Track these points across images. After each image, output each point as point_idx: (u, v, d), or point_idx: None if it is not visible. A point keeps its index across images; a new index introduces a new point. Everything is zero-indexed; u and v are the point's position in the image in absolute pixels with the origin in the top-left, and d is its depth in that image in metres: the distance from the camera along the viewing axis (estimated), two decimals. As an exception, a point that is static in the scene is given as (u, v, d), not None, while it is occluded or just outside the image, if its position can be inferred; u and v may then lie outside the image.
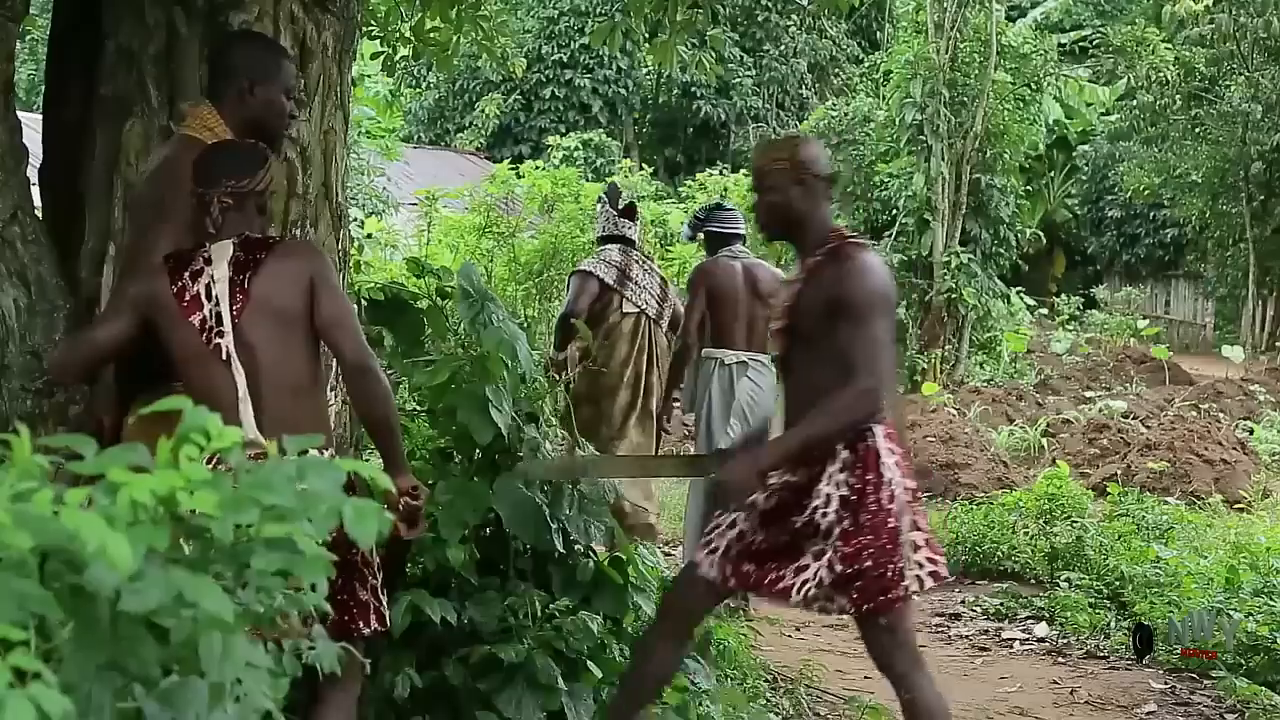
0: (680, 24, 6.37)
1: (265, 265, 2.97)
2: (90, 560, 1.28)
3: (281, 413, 2.93)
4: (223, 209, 3.00)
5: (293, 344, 2.99)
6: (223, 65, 3.31)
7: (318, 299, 2.97)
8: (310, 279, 2.97)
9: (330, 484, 1.45)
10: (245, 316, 2.95)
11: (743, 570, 3.50)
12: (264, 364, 2.95)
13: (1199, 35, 23.26)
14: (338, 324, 2.98)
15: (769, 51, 27.08)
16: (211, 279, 2.96)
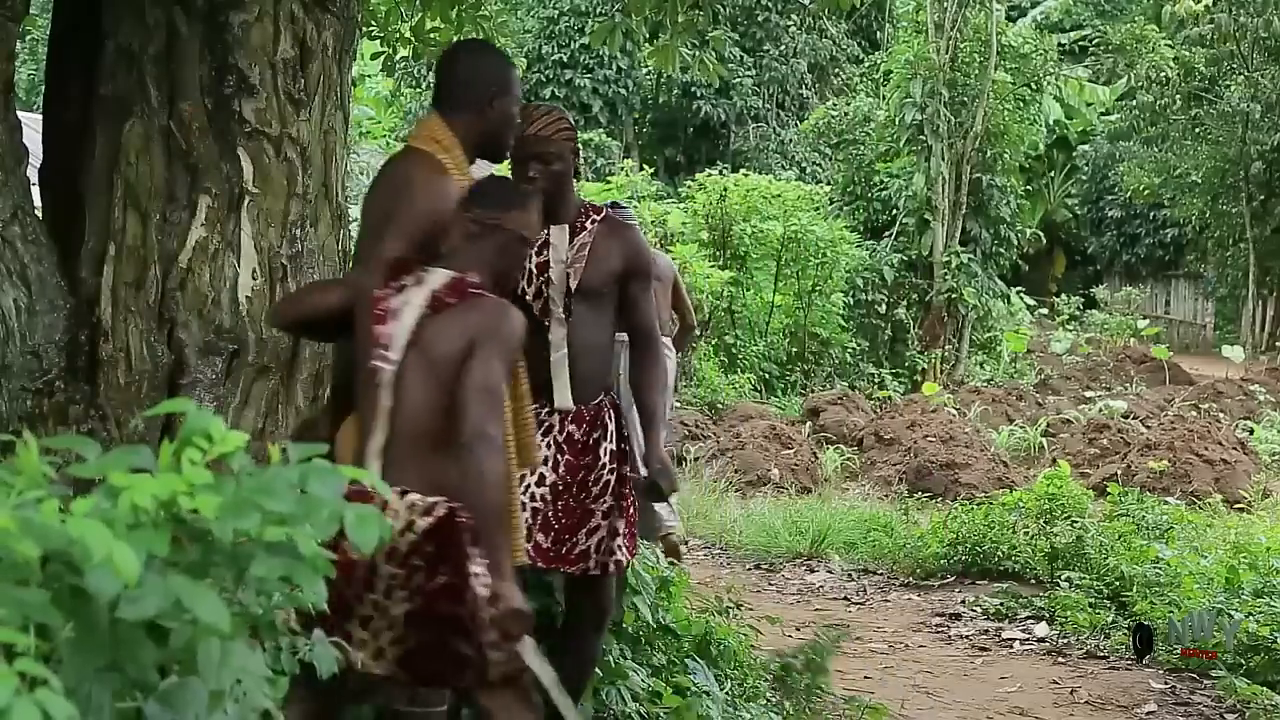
0: (681, 25, 6.37)
1: (449, 314, 2.91)
2: (91, 567, 1.28)
3: (405, 456, 2.88)
4: (464, 235, 3.00)
5: (439, 398, 2.89)
6: (460, 77, 3.28)
7: (470, 363, 2.84)
8: (473, 340, 2.86)
9: (331, 490, 1.44)
10: (409, 354, 2.91)
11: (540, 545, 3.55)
12: (408, 404, 2.89)
13: (1199, 35, 23.27)
14: (471, 391, 2.82)
15: (769, 51, 27.07)
16: (407, 301, 2.94)
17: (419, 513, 2.81)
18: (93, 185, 3.51)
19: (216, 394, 3.47)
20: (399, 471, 2.84)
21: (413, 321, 2.91)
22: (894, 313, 16.58)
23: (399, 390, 2.89)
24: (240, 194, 3.50)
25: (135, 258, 3.43)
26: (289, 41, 3.58)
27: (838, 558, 8.01)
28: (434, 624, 2.79)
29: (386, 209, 3.12)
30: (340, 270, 3.75)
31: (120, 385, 3.39)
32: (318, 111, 3.66)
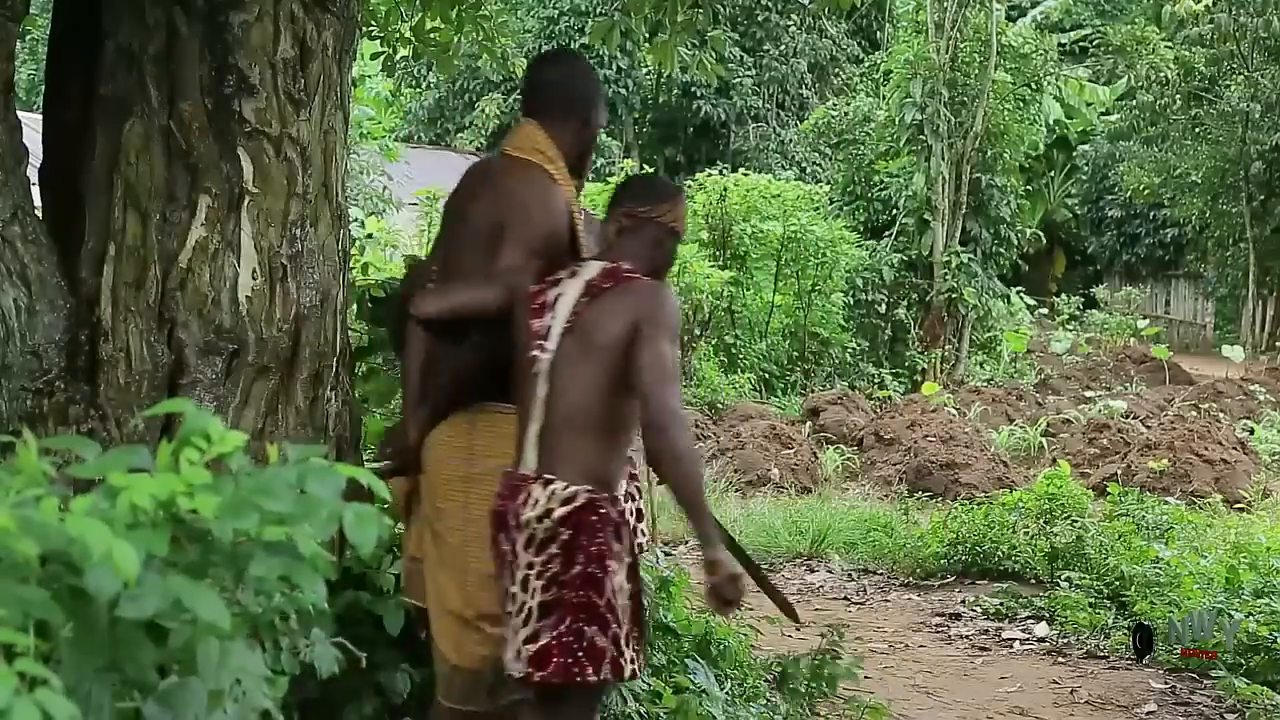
0: (680, 24, 6.37)
1: (607, 297, 2.94)
2: (91, 566, 1.28)
3: (559, 444, 2.89)
4: (619, 230, 3.05)
5: (597, 382, 2.90)
6: (559, 88, 3.32)
7: (638, 343, 2.85)
8: (637, 321, 2.87)
9: (330, 489, 1.44)
10: (566, 340, 2.93)
11: None
12: (564, 391, 2.91)
13: (1199, 35, 23.26)
14: (648, 372, 2.82)
15: (769, 51, 27.06)
16: (562, 293, 2.97)
17: (558, 500, 2.82)
18: (93, 185, 3.51)
19: (216, 394, 3.47)
20: (551, 459, 2.87)
21: (568, 310, 2.94)
22: (894, 313, 16.58)
23: (555, 379, 2.91)
24: (240, 194, 3.50)
25: (135, 258, 3.43)
26: (289, 41, 3.58)
27: (838, 558, 8.01)
28: (566, 613, 2.78)
29: (499, 219, 3.13)
30: (340, 269, 3.76)
31: (120, 385, 3.39)
32: (318, 111, 3.66)
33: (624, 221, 3.05)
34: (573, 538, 2.80)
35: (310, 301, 3.62)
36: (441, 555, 3.15)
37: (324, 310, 3.67)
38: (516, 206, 3.15)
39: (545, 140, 3.26)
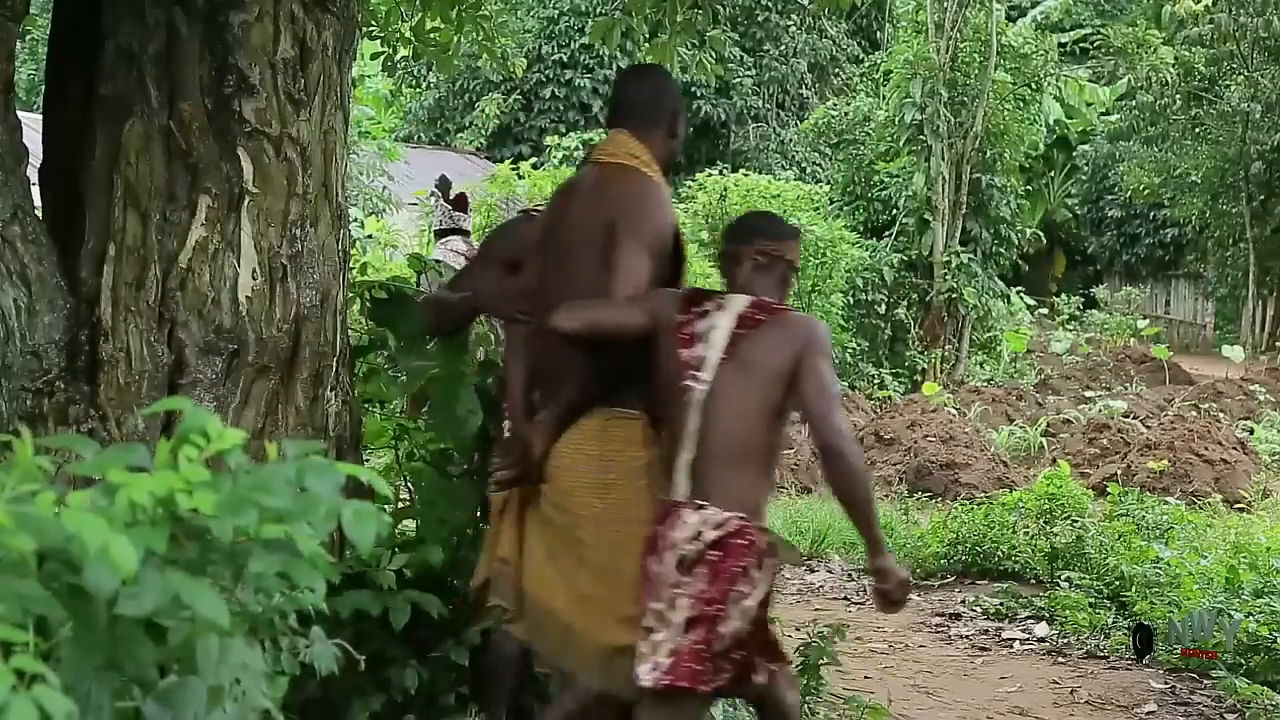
0: (680, 24, 6.37)
1: (764, 329, 3.08)
2: (89, 562, 1.28)
3: (711, 472, 3.02)
4: (753, 266, 3.20)
5: (755, 411, 3.04)
6: (649, 97, 3.45)
7: (804, 372, 3.02)
8: (800, 351, 3.04)
9: (329, 486, 1.44)
10: (724, 370, 3.05)
11: None
12: (719, 420, 3.02)
13: (1199, 35, 23.27)
14: (818, 399, 3.00)
15: (769, 51, 27.07)
16: (714, 325, 3.09)
17: (710, 525, 2.98)
18: (93, 185, 3.51)
19: (216, 394, 3.47)
20: (704, 487, 3.02)
21: (723, 341, 3.06)
22: (894, 313, 16.58)
23: (709, 409, 3.03)
24: (240, 194, 3.50)
25: (135, 258, 3.43)
26: (289, 41, 3.58)
27: (838, 558, 8.01)
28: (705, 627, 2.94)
29: (609, 220, 3.22)
30: (340, 269, 3.76)
31: (120, 385, 3.39)
32: (318, 111, 3.66)
33: (758, 259, 3.21)
34: (719, 559, 2.96)
35: (310, 301, 3.62)
36: (582, 556, 3.22)
37: (324, 310, 3.67)
38: (626, 207, 3.25)
39: (640, 147, 3.38)
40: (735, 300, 3.15)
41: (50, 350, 3.36)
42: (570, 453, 3.25)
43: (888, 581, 3.02)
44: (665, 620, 2.96)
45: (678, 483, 3.04)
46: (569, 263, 3.32)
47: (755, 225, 3.31)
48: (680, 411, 3.05)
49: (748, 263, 3.20)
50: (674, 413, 3.08)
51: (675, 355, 3.08)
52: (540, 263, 3.44)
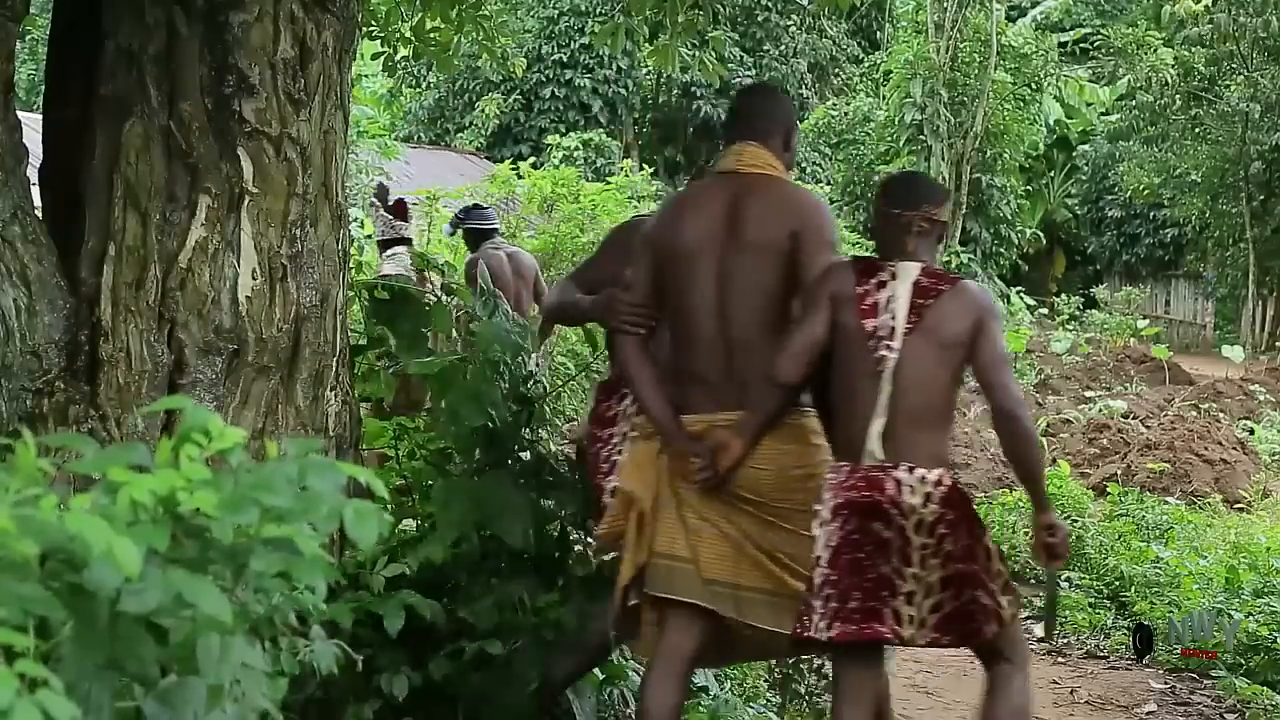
0: (681, 25, 6.37)
1: (945, 298, 3.22)
2: (95, 563, 1.28)
3: (906, 436, 3.19)
4: (918, 232, 3.29)
5: (942, 377, 3.22)
6: (777, 117, 3.63)
7: (981, 341, 3.20)
8: (979, 319, 3.21)
9: (331, 485, 1.44)
10: (911, 339, 3.19)
11: None
12: (910, 387, 3.19)
13: (1198, 35, 23.27)
14: (995, 367, 3.21)
15: (769, 51, 27.07)
16: (893, 294, 3.22)
17: (931, 485, 3.17)
18: (93, 185, 3.51)
19: (216, 394, 3.47)
20: (903, 450, 3.19)
21: (906, 310, 3.20)
22: (894, 313, 16.55)
23: (899, 376, 3.18)
24: (240, 194, 3.50)
25: (135, 258, 3.43)
26: (289, 41, 3.58)
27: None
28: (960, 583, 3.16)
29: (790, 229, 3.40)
30: (340, 269, 3.76)
31: (120, 385, 3.39)
32: (318, 111, 3.66)
33: (923, 225, 3.31)
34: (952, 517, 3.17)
35: (310, 301, 3.62)
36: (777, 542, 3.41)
37: (324, 310, 3.67)
38: (810, 214, 3.46)
39: (773, 159, 3.55)
40: (907, 268, 3.26)
41: (50, 350, 3.36)
42: (774, 454, 3.41)
43: (1056, 535, 3.25)
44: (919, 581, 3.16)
45: (870, 449, 3.19)
46: (745, 266, 3.44)
47: (919, 189, 3.40)
48: (869, 380, 3.20)
49: (914, 228, 3.30)
50: (858, 382, 3.22)
51: (859, 326, 3.21)
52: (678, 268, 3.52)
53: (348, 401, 3.83)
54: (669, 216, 3.64)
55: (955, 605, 3.17)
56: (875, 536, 3.17)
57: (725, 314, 3.44)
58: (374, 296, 4.27)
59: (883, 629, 3.18)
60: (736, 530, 3.43)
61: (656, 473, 3.49)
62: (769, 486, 3.41)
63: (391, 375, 4.38)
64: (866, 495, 3.18)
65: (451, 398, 3.79)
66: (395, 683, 3.49)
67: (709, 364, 3.47)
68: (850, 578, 3.17)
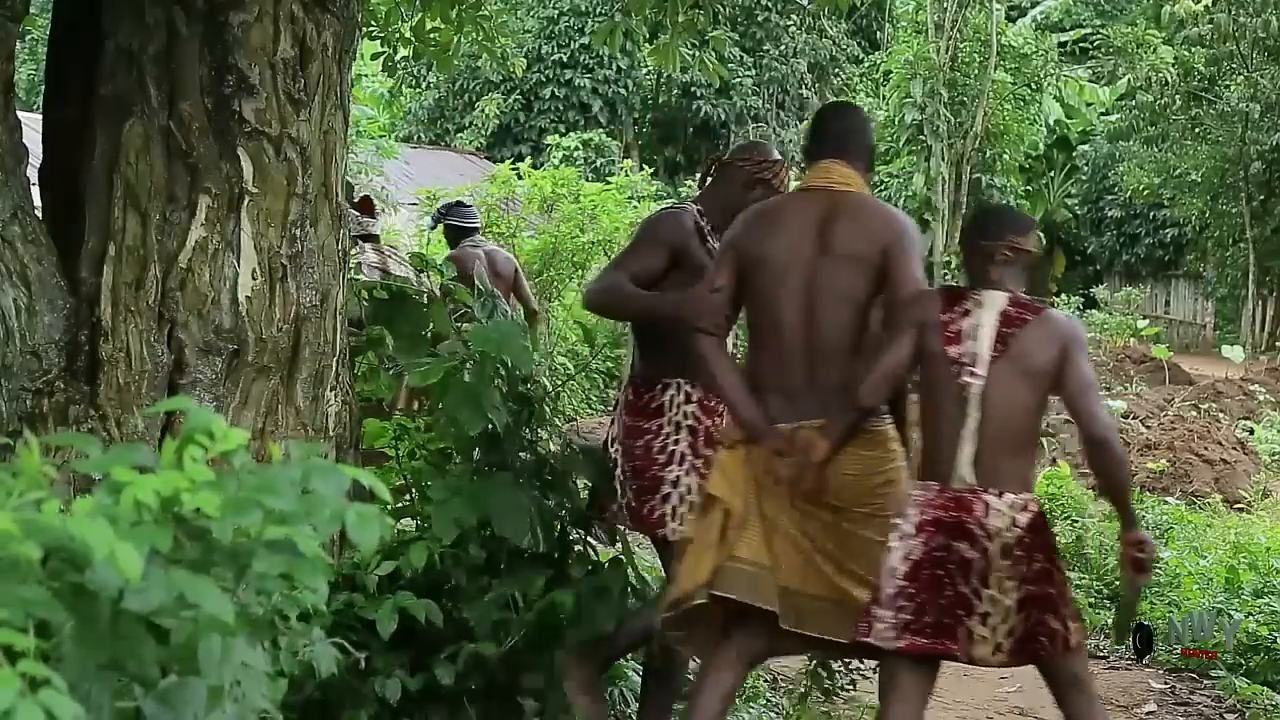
0: (681, 25, 6.37)
1: (1030, 327, 3.32)
2: (99, 566, 1.28)
3: (995, 461, 3.28)
4: (1003, 261, 3.39)
5: (1029, 404, 3.32)
6: (861, 136, 3.77)
7: (1068, 368, 3.29)
8: (1065, 347, 3.31)
9: (335, 488, 1.44)
10: (997, 366, 3.28)
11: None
12: (997, 413, 3.28)
13: (1198, 35, 23.25)
14: (1084, 395, 3.29)
15: (769, 51, 27.07)
16: (979, 322, 3.32)
17: (1018, 509, 3.26)
18: (93, 185, 3.51)
19: (216, 394, 3.47)
20: (992, 475, 3.28)
21: (992, 338, 3.30)
22: (894, 313, 16.55)
23: (986, 402, 3.28)
24: (240, 194, 3.50)
25: (135, 258, 3.43)
26: (289, 41, 3.58)
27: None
28: (1033, 606, 3.25)
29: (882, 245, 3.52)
30: (340, 269, 3.76)
31: (120, 385, 3.39)
32: (318, 111, 3.66)
33: (1007, 254, 3.40)
34: (1031, 541, 3.26)
35: (310, 301, 3.62)
36: (850, 550, 3.49)
37: (324, 310, 3.67)
38: (896, 230, 3.57)
39: (859, 178, 3.67)
40: (993, 297, 3.36)
41: (50, 350, 3.36)
42: (857, 460, 3.50)
43: (1144, 551, 3.33)
44: (998, 605, 3.25)
45: (961, 474, 3.28)
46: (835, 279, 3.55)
47: (1003, 220, 3.50)
48: (954, 405, 3.29)
49: (998, 258, 3.39)
50: (944, 406, 3.32)
51: (943, 353, 3.31)
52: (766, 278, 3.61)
53: (348, 401, 3.83)
54: (757, 226, 3.68)
55: (1025, 628, 3.27)
56: (959, 556, 3.27)
57: (812, 325, 3.53)
58: (373, 296, 4.27)
59: (954, 646, 3.27)
60: (807, 541, 3.50)
61: (743, 480, 3.53)
62: (850, 493, 3.49)
63: (392, 377, 4.38)
64: (954, 515, 3.28)
65: (450, 401, 3.79)
66: (388, 687, 3.49)
67: (793, 373, 3.54)
68: (928, 593, 3.26)
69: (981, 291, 3.38)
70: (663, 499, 3.82)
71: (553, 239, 13.36)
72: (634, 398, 3.91)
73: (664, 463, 3.83)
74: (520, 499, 3.79)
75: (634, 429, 3.88)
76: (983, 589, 3.25)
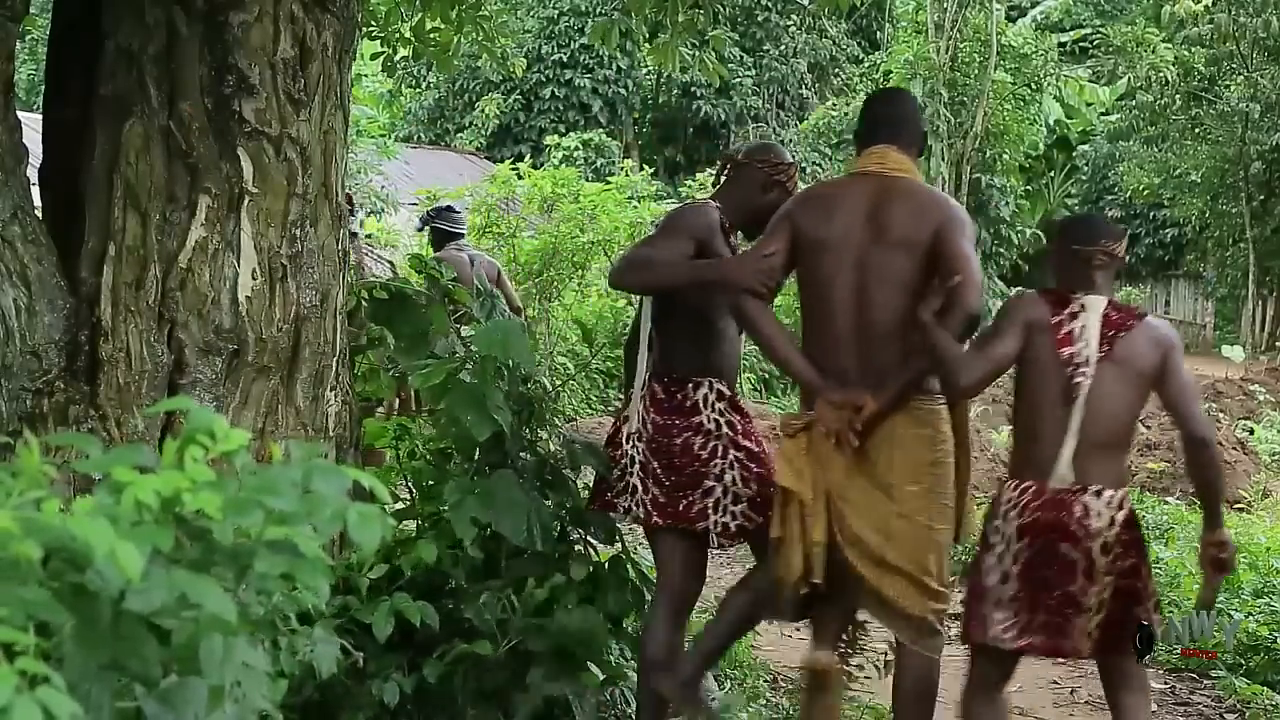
0: (681, 25, 6.38)
1: (1135, 331, 3.46)
2: (94, 561, 1.28)
3: (1094, 459, 3.42)
4: (1098, 266, 3.53)
5: (1129, 405, 3.46)
6: (913, 122, 3.88)
7: (1170, 372, 3.45)
8: (1166, 352, 3.46)
9: (336, 488, 1.44)
10: (1103, 367, 3.42)
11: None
12: (1099, 413, 3.42)
13: (1198, 35, 23.24)
14: (1185, 397, 3.46)
15: (769, 51, 27.07)
16: (1085, 324, 3.46)
17: (1114, 508, 3.42)
18: (93, 185, 3.51)
19: (216, 394, 3.47)
20: (1090, 472, 3.42)
21: (1098, 340, 3.44)
22: (894, 313, 16.55)
23: (1090, 402, 3.41)
24: (240, 194, 3.50)
25: (135, 258, 3.44)
26: (289, 41, 3.58)
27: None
28: (1123, 598, 3.42)
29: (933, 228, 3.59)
30: (340, 269, 3.76)
31: (120, 385, 3.39)
32: (318, 111, 3.66)
33: (1102, 259, 3.54)
34: (1126, 537, 3.42)
35: (310, 301, 3.63)
36: (896, 529, 3.63)
37: (324, 310, 3.67)
38: (947, 211, 3.66)
39: (910, 163, 3.76)
40: (1094, 301, 3.50)
41: (50, 350, 3.36)
42: (911, 438, 3.61)
43: (1225, 551, 3.48)
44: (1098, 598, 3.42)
45: (1061, 472, 3.42)
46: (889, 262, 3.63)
47: (1097, 227, 3.63)
48: (1058, 405, 3.43)
49: (1095, 262, 3.53)
50: (1048, 406, 3.45)
51: (1054, 354, 3.44)
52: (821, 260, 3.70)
53: (348, 401, 3.83)
54: (814, 208, 3.76)
55: (1114, 619, 3.42)
56: (1063, 557, 3.41)
57: (866, 308, 3.61)
58: (373, 296, 4.27)
59: (1067, 645, 3.45)
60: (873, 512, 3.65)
61: (807, 466, 3.65)
62: (903, 469, 3.61)
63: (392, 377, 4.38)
64: (1054, 517, 3.42)
65: (453, 402, 3.79)
66: (386, 690, 3.48)
67: (847, 355, 3.63)
68: (1038, 594, 3.42)
69: (1082, 295, 3.50)
70: (704, 494, 3.88)
71: (553, 239, 13.35)
72: (664, 396, 3.93)
73: (706, 459, 3.89)
74: (520, 498, 3.79)
75: (667, 426, 3.91)
76: (1089, 586, 3.40)
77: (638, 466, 3.93)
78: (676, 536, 3.96)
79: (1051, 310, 3.49)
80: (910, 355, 3.55)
